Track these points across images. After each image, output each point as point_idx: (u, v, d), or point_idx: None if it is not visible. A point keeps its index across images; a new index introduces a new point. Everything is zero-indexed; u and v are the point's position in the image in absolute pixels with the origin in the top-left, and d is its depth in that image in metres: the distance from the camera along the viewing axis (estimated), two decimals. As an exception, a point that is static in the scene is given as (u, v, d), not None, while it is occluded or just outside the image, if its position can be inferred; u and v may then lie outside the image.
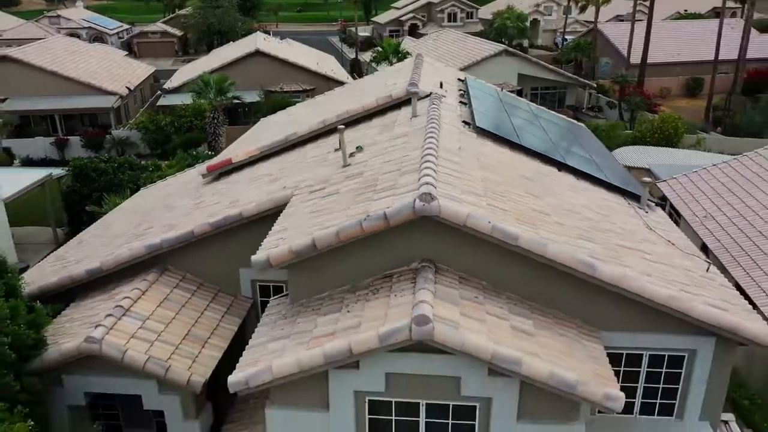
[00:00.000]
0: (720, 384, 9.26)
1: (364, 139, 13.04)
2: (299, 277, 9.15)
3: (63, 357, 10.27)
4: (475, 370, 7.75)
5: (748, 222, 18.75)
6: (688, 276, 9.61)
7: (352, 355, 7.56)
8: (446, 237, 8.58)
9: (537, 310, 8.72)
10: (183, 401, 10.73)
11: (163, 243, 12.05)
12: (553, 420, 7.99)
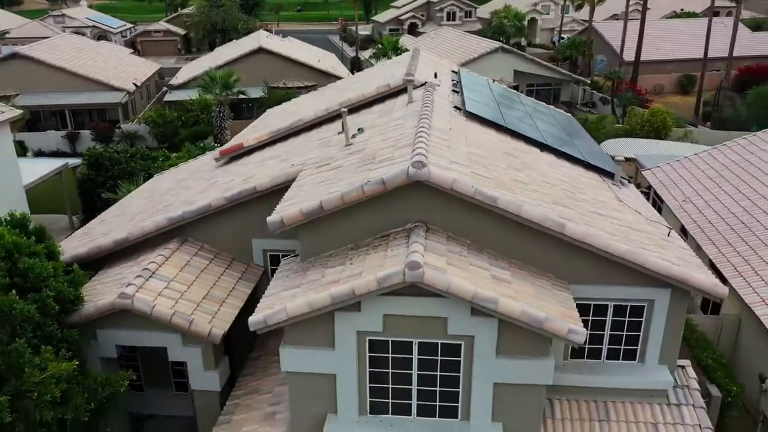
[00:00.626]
0: (675, 331, 10.59)
1: (364, 123, 14.38)
2: (308, 237, 10.49)
3: (98, 311, 11.61)
4: (459, 311, 9.08)
5: (723, 205, 20.08)
6: (649, 238, 10.94)
7: (354, 297, 8.89)
8: (436, 200, 9.91)
9: (514, 265, 10.05)
10: (204, 353, 12.07)
11: (183, 215, 13.40)
12: (527, 355, 9.31)
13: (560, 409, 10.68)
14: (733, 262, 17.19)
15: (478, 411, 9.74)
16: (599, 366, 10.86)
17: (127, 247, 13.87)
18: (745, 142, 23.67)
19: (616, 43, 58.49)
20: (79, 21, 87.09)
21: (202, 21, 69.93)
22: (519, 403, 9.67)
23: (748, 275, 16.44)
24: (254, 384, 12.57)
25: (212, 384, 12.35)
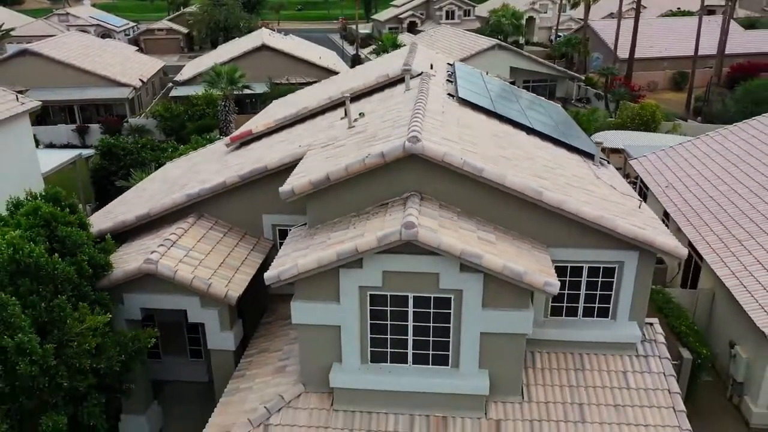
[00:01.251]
0: (643, 290, 11.87)
1: (365, 108, 15.65)
2: (315, 206, 11.75)
3: (126, 276, 12.88)
4: (449, 267, 10.33)
5: (702, 189, 21.34)
6: (620, 208, 12.21)
7: (357, 253, 10.14)
8: (429, 172, 11.16)
9: (499, 230, 11.31)
10: (220, 314, 13.34)
11: (200, 192, 14.67)
12: (509, 307, 10.57)
13: (540, 360, 11.96)
14: (708, 240, 18.45)
15: (466, 359, 11.00)
16: (575, 322, 12.13)
17: (147, 222, 15.14)
18: (726, 132, 24.96)
19: (611, 41, 59.75)
20: (83, 20, 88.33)
21: (205, 19, 71.17)
22: (502, 351, 10.94)
23: (721, 252, 17.69)
24: (265, 344, 13.85)
25: (227, 344, 13.61)
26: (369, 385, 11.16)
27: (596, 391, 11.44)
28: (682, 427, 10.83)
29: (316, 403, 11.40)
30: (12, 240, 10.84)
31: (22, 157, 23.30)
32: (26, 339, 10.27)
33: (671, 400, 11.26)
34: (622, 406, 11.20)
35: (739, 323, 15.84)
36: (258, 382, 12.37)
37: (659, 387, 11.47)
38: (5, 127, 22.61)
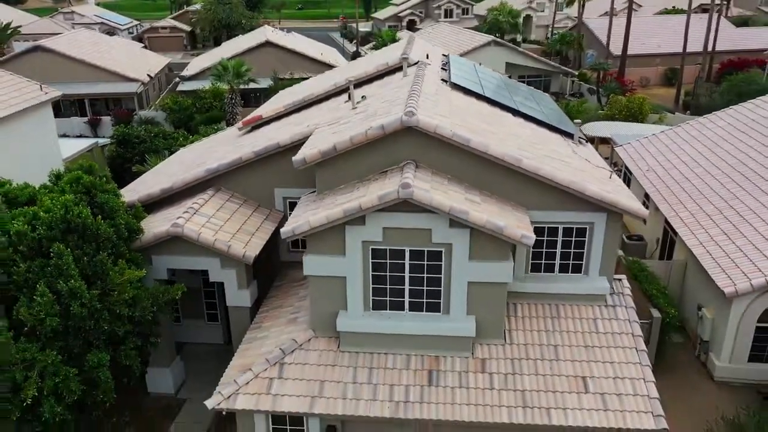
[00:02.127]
0: (611, 248, 13.50)
1: (367, 93, 17.27)
2: (324, 174, 13.37)
3: (155, 238, 14.52)
4: (440, 223, 11.97)
5: (679, 171, 22.99)
6: (592, 177, 13.84)
7: (361, 210, 11.78)
8: (423, 143, 12.79)
9: (484, 193, 12.95)
10: (238, 274, 14.99)
11: (218, 167, 16.31)
12: (492, 259, 12.21)
13: (521, 310, 13.61)
14: (681, 216, 20.09)
15: (455, 306, 12.65)
16: (552, 277, 13.78)
17: (169, 196, 16.77)
18: (704, 121, 26.63)
19: (605, 38, 61.32)
20: (88, 18, 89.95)
21: (209, 17, 72.74)
22: (487, 299, 12.58)
23: (692, 226, 19.33)
24: (278, 302, 15.49)
25: (244, 301, 15.26)
26: (371, 329, 12.81)
27: (569, 335, 13.10)
28: (642, 362, 12.48)
29: (324, 346, 13.06)
30: (65, 202, 12.47)
31: (46, 142, 24.93)
32: (77, 285, 11.90)
33: (634, 341, 12.92)
34: (592, 347, 12.86)
35: (706, 288, 17.47)
36: (273, 332, 14.02)
37: (624, 331, 13.13)
38: (30, 114, 24.24)
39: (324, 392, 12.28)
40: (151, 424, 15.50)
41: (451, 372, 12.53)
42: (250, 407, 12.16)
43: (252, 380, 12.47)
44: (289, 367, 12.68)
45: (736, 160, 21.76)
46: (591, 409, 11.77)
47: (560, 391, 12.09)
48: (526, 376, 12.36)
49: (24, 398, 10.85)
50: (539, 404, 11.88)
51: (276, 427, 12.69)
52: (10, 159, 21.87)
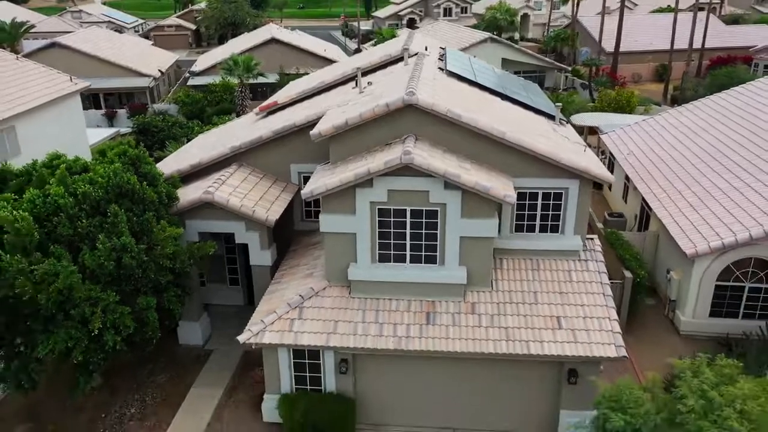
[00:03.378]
0: (583, 211, 15.66)
1: (372, 80, 19.43)
2: (337, 146, 15.53)
3: (189, 204, 16.70)
4: (437, 185, 14.13)
5: (656, 154, 25.18)
6: (569, 149, 16.00)
7: (369, 174, 13.94)
8: (422, 119, 14.95)
9: (474, 163, 15.11)
10: (261, 236, 17.17)
11: (241, 145, 18.49)
12: (480, 217, 14.37)
13: (506, 264, 15.79)
14: (656, 193, 22.26)
15: (449, 258, 14.81)
16: (533, 236, 15.95)
17: (197, 171, 18.93)
18: (681, 109, 28.87)
19: (598, 36, 63.57)
20: (95, 16, 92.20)
21: (215, 15, 74.87)
22: (476, 251, 14.75)
23: (664, 201, 21.49)
24: (294, 262, 17.66)
25: (265, 260, 17.45)
26: (377, 278, 14.98)
27: (547, 283, 15.29)
28: (608, 305, 14.67)
29: (337, 293, 15.24)
30: (116, 169, 14.64)
31: (75, 128, 27.13)
32: (128, 240, 14.06)
33: (602, 288, 15.11)
34: (566, 293, 15.04)
35: (673, 254, 19.63)
36: (291, 284, 16.20)
37: (594, 281, 15.32)
38: (61, 103, 26.44)
39: (338, 330, 14.46)
40: (183, 370, 17.68)
41: (445, 313, 14.70)
42: (275, 342, 14.34)
43: (276, 320, 14.66)
44: (308, 310, 14.86)
45: (706, 143, 23.94)
46: (563, 341, 13.94)
47: (538, 328, 14.26)
48: (510, 316, 14.54)
49: (91, 329, 13.01)
50: (520, 338, 14.05)
51: (296, 361, 14.86)
52: (47, 142, 23.96)
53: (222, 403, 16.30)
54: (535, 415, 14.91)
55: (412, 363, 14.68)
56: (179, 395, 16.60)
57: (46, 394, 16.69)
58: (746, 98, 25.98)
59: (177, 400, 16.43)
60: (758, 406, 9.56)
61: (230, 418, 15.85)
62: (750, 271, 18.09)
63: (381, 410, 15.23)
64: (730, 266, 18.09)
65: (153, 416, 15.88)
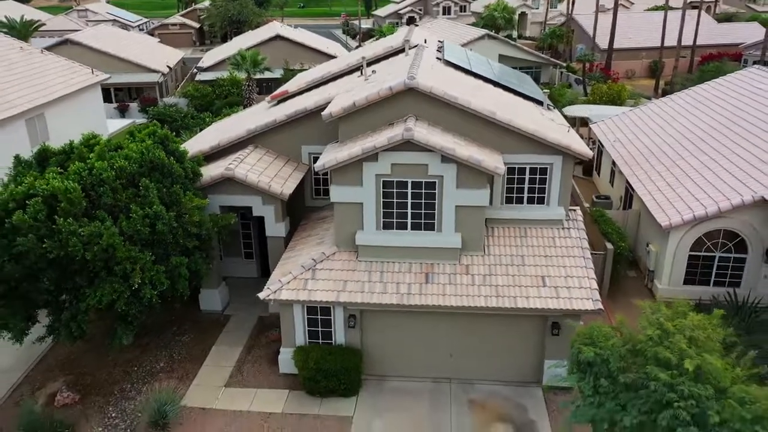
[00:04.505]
0: (566, 184, 17.46)
1: (376, 69, 21.23)
2: (345, 126, 17.31)
3: (211, 180, 18.49)
4: (434, 159, 15.92)
5: (640, 141, 26.99)
6: (553, 129, 17.79)
7: (375, 149, 15.73)
8: (421, 101, 16.74)
9: (468, 140, 16.90)
10: (276, 209, 18.97)
11: (257, 128, 20.28)
12: (473, 187, 16.16)
13: (497, 231, 17.59)
14: (638, 175, 24.06)
15: (446, 225, 16.60)
16: (522, 207, 17.75)
17: (215, 153, 20.70)
18: (666, 100, 30.69)
19: (593, 33, 65.39)
20: (101, 15, 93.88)
21: (221, 13, 76.66)
22: (470, 219, 16.54)
23: (646, 183, 23.28)
24: (306, 234, 19.45)
25: (280, 231, 19.25)
26: (382, 243, 16.77)
27: (533, 248, 17.10)
28: (587, 267, 16.47)
29: (346, 257, 17.03)
30: (148, 146, 16.43)
31: (96, 117, 28.93)
32: (160, 209, 15.85)
33: (582, 252, 16.92)
34: (550, 256, 16.84)
35: (652, 229, 21.43)
36: (304, 251, 17.99)
37: (575, 246, 17.13)
38: (83, 94, 28.24)
39: (346, 288, 16.26)
40: (204, 332, 19.47)
41: (442, 274, 16.50)
42: (291, 298, 16.14)
43: (292, 280, 16.45)
44: (320, 271, 16.67)
45: (686, 129, 25.77)
46: (547, 297, 15.74)
47: (524, 285, 16.06)
48: (499, 276, 16.34)
49: (132, 284, 14.80)
50: (508, 294, 15.85)
51: (310, 317, 16.65)
52: (71, 130, 25.72)
53: (241, 359, 18.10)
54: (523, 364, 16.72)
55: (413, 318, 16.48)
56: (202, 352, 18.40)
57: (84, 351, 18.50)
58: (724, 89, 27.81)
59: (200, 356, 18.24)
60: (703, 333, 11.33)
61: (249, 370, 17.64)
62: (720, 242, 19.89)
63: (385, 362, 17.03)
64: (702, 237, 19.89)
65: (180, 369, 17.67)
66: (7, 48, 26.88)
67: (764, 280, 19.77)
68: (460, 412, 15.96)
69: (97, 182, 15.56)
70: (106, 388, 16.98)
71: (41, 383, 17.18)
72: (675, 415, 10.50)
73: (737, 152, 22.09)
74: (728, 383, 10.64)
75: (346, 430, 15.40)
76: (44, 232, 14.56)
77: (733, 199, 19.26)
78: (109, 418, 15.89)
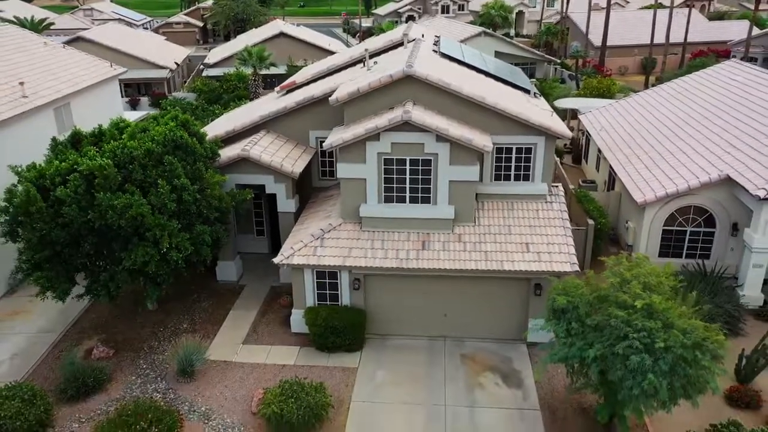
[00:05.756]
0: (549, 162, 19.44)
1: (377, 60, 23.19)
2: (350, 110, 19.25)
3: (229, 160, 20.45)
4: (430, 138, 17.87)
5: (623, 128, 28.95)
6: (537, 113, 19.75)
7: (377, 129, 17.68)
8: (419, 87, 18.68)
9: (460, 122, 18.85)
10: (287, 187, 20.93)
11: (269, 114, 22.23)
12: (465, 164, 18.12)
13: (487, 205, 19.57)
14: (619, 159, 26.01)
15: (441, 198, 18.56)
16: (509, 183, 19.74)
17: (230, 137, 22.64)
18: (649, 91, 32.67)
19: (588, 31, 67.39)
20: (106, 14, 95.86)
21: (225, 12, 78.66)
22: (462, 194, 18.49)
23: (626, 166, 25.23)
24: (314, 210, 21.41)
25: (290, 207, 21.21)
26: (383, 215, 18.73)
27: (519, 219, 19.06)
28: (567, 235, 18.43)
29: (351, 227, 18.99)
30: (172, 127, 18.39)
31: (115, 108, 30.89)
32: (185, 182, 17.80)
33: (563, 223, 18.88)
34: (534, 226, 18.81)
35: (631, 207, 23.38)
36: (313, 224, 19.95)
37: (557, 217, 19.10)
38: (103, 86, 30.19)
39: (352, 254, 18.22)
40: (222, 299, 21.42)
41: (437, 242, 18.45)
42: (302, 263, 18.11)
43: (303, 248, 18.41)
44: (328, 240, 18.62)
45: (664, 117, 27.75)
46: (530, 261, 17.70)
47: (510, 251, 18.02)
48: (488, 243, 18.30)
49: (161, 247, 16.76)
50: (496, 259, 17.81)
51: (319, 280, 18.60)
52: (93, 119, 27.70)
53: (257, 321, 20.06)
54: (510, 323, 18.66)
55: (411, 282, 18.42)
56: (221, 316, 20.36)
57: (114, 315, 20.47)
58: (702, 80, 29.80)
59: (219, 319, 20.19)
60: (655, 279, 13.29)
61: (264, 331, 19.60)
62: (690, 217, 21.83)
63: (386, 322, 18.97)
64: (674, 213, 21.83)
65: (201, 329, 19.63)
66: (33, 44, 28.82)
67: (731, 252, 21.71)
68: (453, 364, 17.91)
69: (128, 160, 17.50)
70: (136, 345, 18.94)
71: (78, 341, 19.13)
72: (630, 345, 12.48)
73: (709, 137, 24.05)
74: (675, 318, 12.61)
75: (352, 378, 17.35)
76: (84, 203, 16.51)
77: (701, 177, 21.21)
78: (141, 369, 17.86)
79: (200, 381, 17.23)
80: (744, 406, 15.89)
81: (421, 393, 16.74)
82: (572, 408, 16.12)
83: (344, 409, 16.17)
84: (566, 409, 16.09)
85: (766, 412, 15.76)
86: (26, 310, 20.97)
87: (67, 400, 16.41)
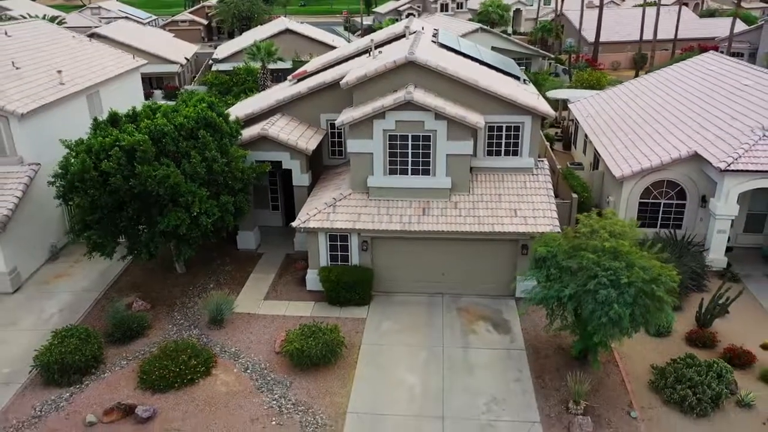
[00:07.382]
0: (535, 139, 21.88)
1: (381, 50, 25.63)
2: (358, 93, 21.66)
3: (250, 138, 22.89)
4: (430, 117, 20.30)
5: (608, 115, 31.40)
6: (525, 95, 22.18)
7: (382, 108, 20.10)
8: (419, 72, 21.11)
9: (457, 103, 21.28)
10: (301, 163, 23.36)
11: (285, 98, 24.67)
12: (460, 139, 20.55)
13: (480, 177, 22.01)
14: (603, 142, 28.44)
15: (439, 170, 20.98)
16: (499, 157, 22.18)
17: (249, 119, 25.06)
18: (635, 81, 35.09)
19: (582, 28, 69.89)
20: (113, 13, 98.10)
21: (231, 10, 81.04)
22: (458, 166, 20.92)
23: (609, 149, 27.66)
24: (325, 184, 23.84)
25: (304, 181, 23.65)
26: (388, 185, 21.16)
27: (508, 189, 21.51)
28: (551, 202, 20.89)
29: (360, 197, 21.42)
30: (202, 108, 20.81)
31: (136, 97, 33.26)
32: (216, 154, 20.22)
33: (547, 192, 21.33)
34: (521, 195, 21.25)
35: (612, 183, 25.81)
36: (325, 194, 22.38)
37: (542, 188, 21.55)
38: (127, 77, 32.60)
39: (360, 219, 20.65)
40: (243, 264, 23.85)
41: (436, 209, 20.89)
42: (317, 227, 20.53)
43: (317, 214, 20.84)
44: (339, 207, 21.05)
45: (645, 103, 30.20)
46: (518, 224, 20.14)
47: (500, 216, 20.45)
48: (481, 209, 20.74)
49: (192, 212, 19.18)
50: (487, 222, 20.24)
51: (331, 243, 21.01)
52: (121, 104, 30.14)
53: (275, 281, 22.50)
54: (501, 280, 21.07)
55: (413, 244, 20.84)
56: (243, 277, 22.80)
57: (148, 277, 22.90)
58: (682, 71, 32.28)
59: (242, 280, 22.63)
60: (621, 228, 15.75)
61: (282, 289, 22.03)
62: (664, 190, 24.26)
63: (390, 280, 21.39)
64: (650, 187, 24.25)
65: (226, 288, 22.05)
66: (64, 37, 31.23)
67: (700, 222, 24.14)
68: (450, 315, 20.35)
69: (161, 135, 19.89)
70: (169, 300, 21.38)
71: (118, 297, 21.56)
72: (599, 282, 14.91)
73: (684, 120, 26.49)
74: (636, 259, 15.06)
75: (361, 326, 19.78)
76: (126, 173, 18.93)
77: (672, 153, 23.65)
78: (176, 319, 20.30)
79: (228, 328, 19.66)
80: (701, 346, 18.35)
81: (422, 337, 19.18)
82: (553, 348, 18.56)
83: (355, 350, 18.60)
84: (548, 349, 18.53)
85: (719, 349, 18.20)
86: (68, 273, 23.41)
87: (113, 342, 18.85)
